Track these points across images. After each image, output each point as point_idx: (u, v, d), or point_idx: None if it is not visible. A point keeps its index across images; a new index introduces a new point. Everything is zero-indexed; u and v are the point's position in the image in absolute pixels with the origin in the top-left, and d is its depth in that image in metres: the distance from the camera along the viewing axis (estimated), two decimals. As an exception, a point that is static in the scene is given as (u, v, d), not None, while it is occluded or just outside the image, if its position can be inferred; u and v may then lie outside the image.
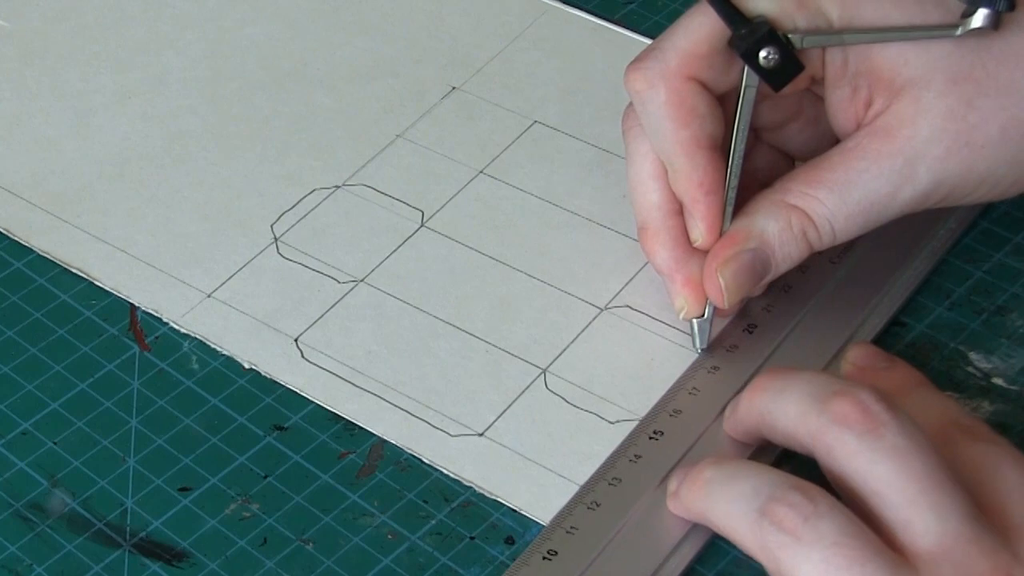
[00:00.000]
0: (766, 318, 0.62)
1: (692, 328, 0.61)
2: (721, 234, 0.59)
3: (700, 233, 0.59)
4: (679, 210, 0.60)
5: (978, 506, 0.50)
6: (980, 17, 0.57)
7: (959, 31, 0.57)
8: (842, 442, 0.51)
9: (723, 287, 0.59)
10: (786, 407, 0.53)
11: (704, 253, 0.60)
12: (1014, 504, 0.51)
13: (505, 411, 0.60)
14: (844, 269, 0.63)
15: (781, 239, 0.58)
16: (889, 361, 0.58)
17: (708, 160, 0.59)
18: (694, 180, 0.59)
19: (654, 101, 0.59)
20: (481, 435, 0.59)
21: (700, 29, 0.59)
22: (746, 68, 0.59)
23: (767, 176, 0.62)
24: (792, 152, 0.63)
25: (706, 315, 0.60)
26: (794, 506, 0.50)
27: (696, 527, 0.55)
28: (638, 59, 0.60)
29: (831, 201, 0.58)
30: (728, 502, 0.52)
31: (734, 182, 0.59)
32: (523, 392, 0.61)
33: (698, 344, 0.61)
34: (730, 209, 0.59)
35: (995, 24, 0.57)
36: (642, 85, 0.59)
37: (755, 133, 0.62)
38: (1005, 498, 0.51)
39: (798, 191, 0.58)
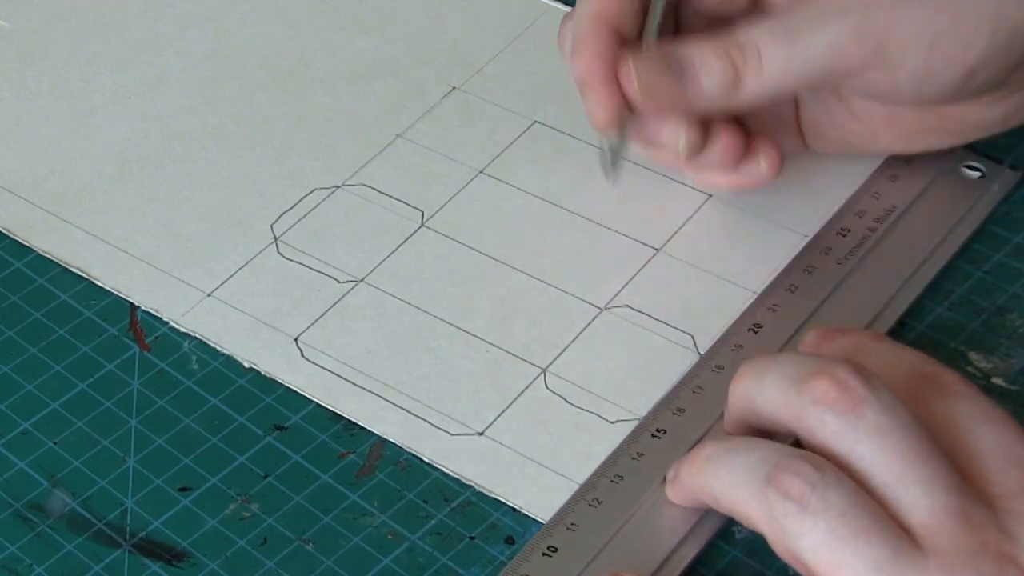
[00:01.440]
0: (771, 318, 0.62)
1: (602, 147, 0.60)
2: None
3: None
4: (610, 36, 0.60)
5: (960, 473, 0.50)
6: None
7: None
8: (823, 423, 0.50)
9: (633, 75, 0.58)
10: (766, 392, 0.52)
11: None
12: (994, 471, 0.50)
13: (505, 410, 0.60)
14: (850, 271, 0.63)
15: (703, 54, 0.58)
16: (842, 330, 0.57)
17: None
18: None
19: None
20: (481, 434, 0.59)
21: None
22: None
23: None
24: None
25: (620, 137, 0.60)
26: (801, 474, 0.49)
27: (698, 525, 0.55)
28: None
29: (766, 31, 0.58)
30: (732, 473, 0.51)
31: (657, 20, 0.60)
32: (523, 392, 0.61)
33: (606, 169, 0.60)
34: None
35: None
36: None
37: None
38: (985, 464, 0.50)
39: (737, 25, 0.58)
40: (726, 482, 0.52)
